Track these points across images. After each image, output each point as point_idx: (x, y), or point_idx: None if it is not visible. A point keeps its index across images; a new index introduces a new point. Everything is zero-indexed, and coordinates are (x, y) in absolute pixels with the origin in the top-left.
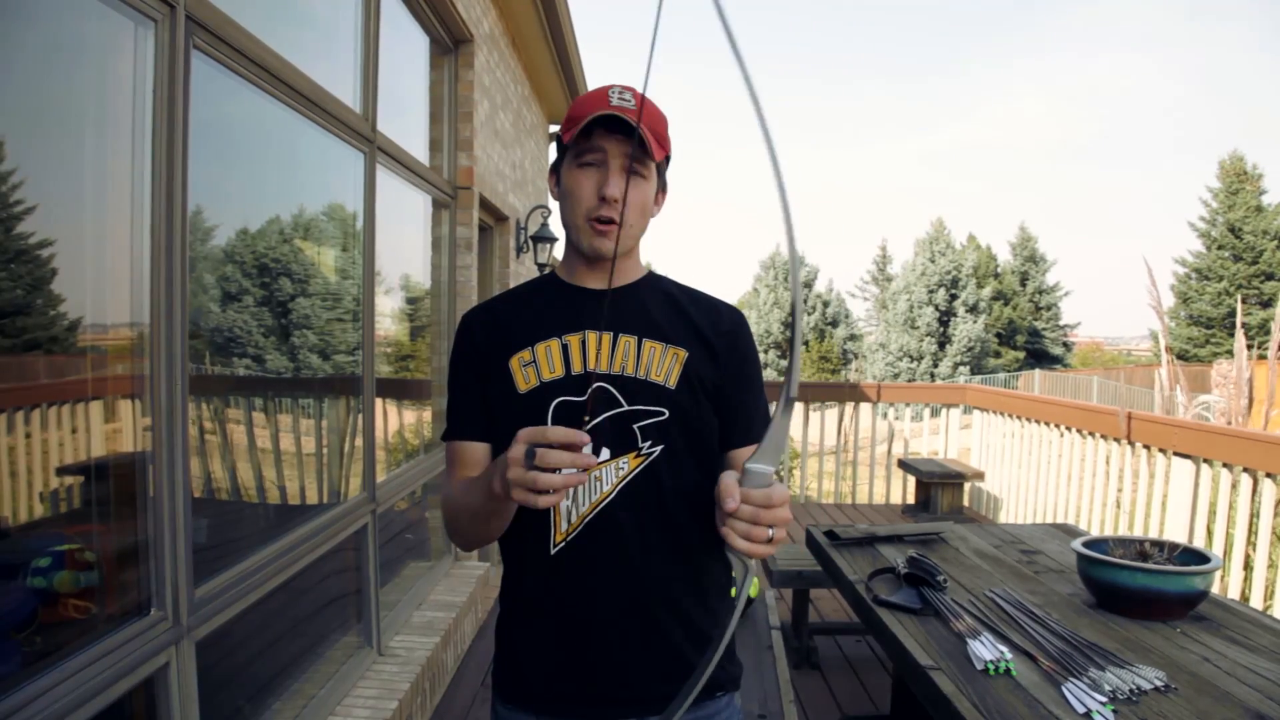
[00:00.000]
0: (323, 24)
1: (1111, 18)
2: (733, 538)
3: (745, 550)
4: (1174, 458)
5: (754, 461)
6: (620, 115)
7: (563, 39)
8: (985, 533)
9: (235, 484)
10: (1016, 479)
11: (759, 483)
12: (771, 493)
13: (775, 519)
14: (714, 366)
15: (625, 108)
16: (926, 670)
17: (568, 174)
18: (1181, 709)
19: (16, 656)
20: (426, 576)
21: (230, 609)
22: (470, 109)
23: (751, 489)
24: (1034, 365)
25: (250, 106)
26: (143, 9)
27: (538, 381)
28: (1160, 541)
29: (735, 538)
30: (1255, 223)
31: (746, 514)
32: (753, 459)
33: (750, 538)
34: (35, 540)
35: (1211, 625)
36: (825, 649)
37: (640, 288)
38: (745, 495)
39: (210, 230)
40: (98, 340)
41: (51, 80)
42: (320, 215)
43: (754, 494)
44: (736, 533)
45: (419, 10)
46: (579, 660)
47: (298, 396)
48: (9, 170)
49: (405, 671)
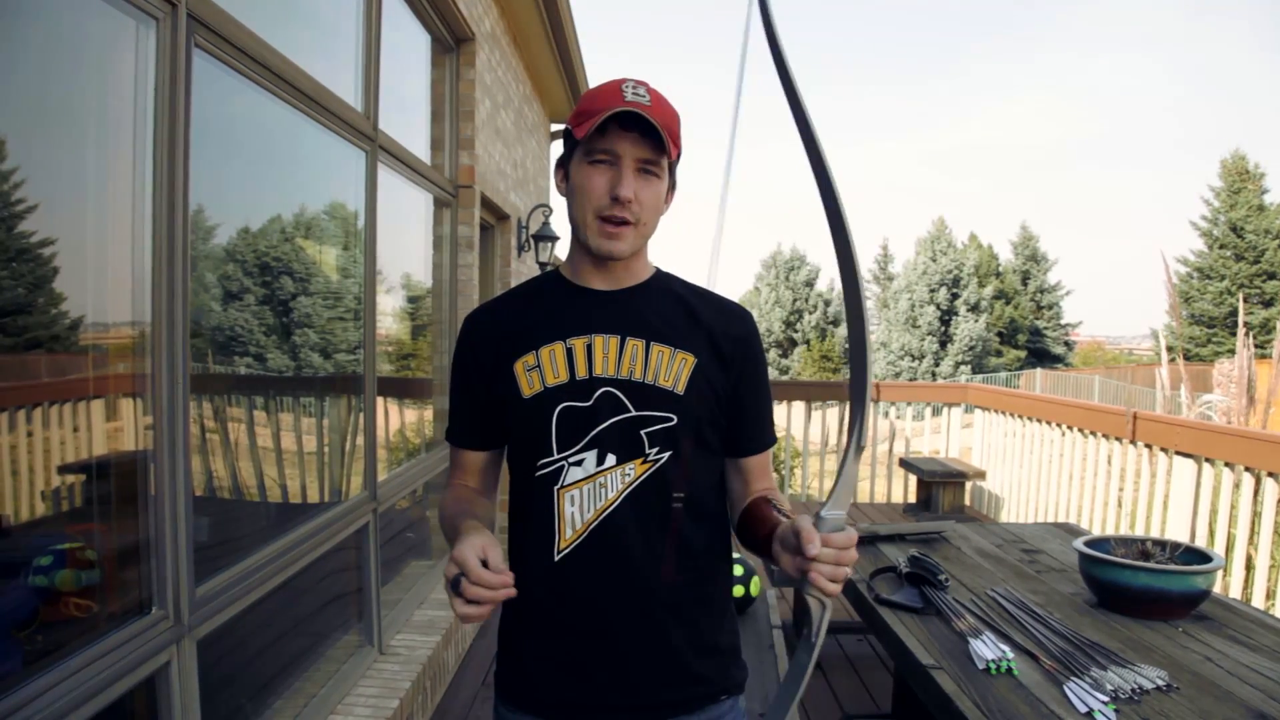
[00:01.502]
0: (324, 22)
1: (1112, 17)
2: (820, 580)
3: (830, 592)
4: (1176, 457)
5: (828, 509)
6: (636, 111)
7: (564, 38)
8: (987, 532)
9: (236, 483)
10: (1018, 478)
11: (835, 528)
12: (848, 536)
13: (851, 560)
14: (724, 372)
15: (640, 104)
16: (928, 669)
17: (578, 170)
18: (1183, 708)
19: (18, 655)
20: (428, 575)
21: (231, 608)
22: (471, 107)
23: (830, 534)
24: (1035, 364)
25: (252, 105)
26: (144, 7)
27: (541, 386)
28: (1162, 541)
29: (822, 580)
30: (1257, 222)
31: (829, 557)
32: (827, 506)
33: (835, 579)
34: (37, 539)
35: (1213, 625)
36: (827, 648)
37: (649, 288)
38: (827, 539)
39: (212, 229)
40: (99, 339)
41: (53, 79)
42: (321, 214)
43: (835, 538)
44: (823, 575)
45: (420, 9)
46: (583, 666)
47: (299, 395)
48: (10, 169)
49: (406, 670)
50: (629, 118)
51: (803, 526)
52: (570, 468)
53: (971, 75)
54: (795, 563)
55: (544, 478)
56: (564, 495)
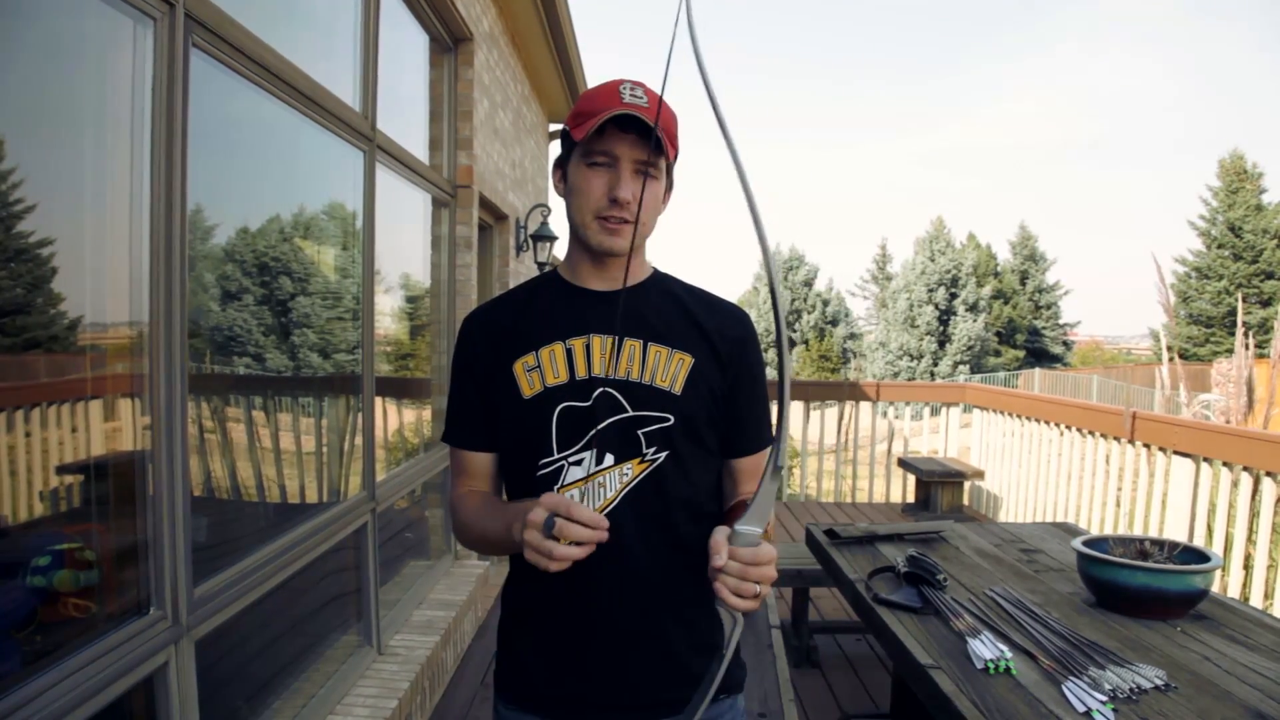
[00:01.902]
0: (322, 22)
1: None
2: (723, 592)
3: (733, 605)
4: (1174, 456)
5: (743, 523)
6: (635, 114)
7: (562, 38)
8: (985, 531)
9: (235, 483)
10: (1016, 478)
11: (747, 543)
12: (758, 552)
13: (761, 576)
14: (720, 373)
15: (639, 106)
16: (926, 669)
17: (576, 171)
18: (1182, 708)
19: (16, 655)
20: (426, 575)
21: (230, 608)
22: (470, 107)
23: (739, 548)
24: (1034, 364)
25: (250, 105)
26: (142, 7)
27: (541, 387)
28: (1160, 540)
29: (725, 592)
30: (1255, 221)
31: (734, 570)
32: (742, 521)
33: (738, 593)
34: (35, 539)
35: (1212, 624)
36: (825, 647)
37: (646, 289)
38: (733, 553)
39: (210, 229)
40: (97, 339)
41: (51, 79)
42: (320, 214)
43: (741, 552)
44: (727, 588)
45: (418, 8)
46: (583, 665)
47: (297, 395)
48: (9, 169)
49: (405, 670)
50: (627, 120)
51: (713, 538)
52: (570, 467)
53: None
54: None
55: (544, 478)
56: (563, 495)
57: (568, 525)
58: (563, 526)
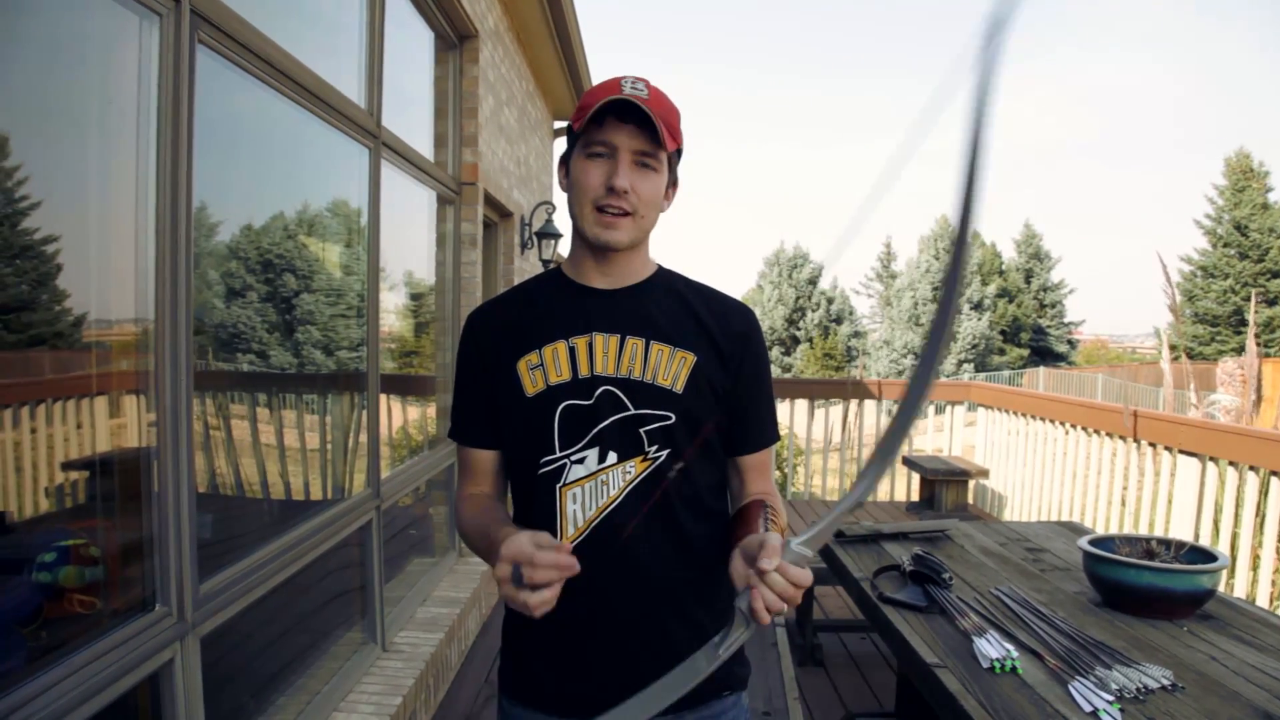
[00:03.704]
0: (327, 19)
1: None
2: (757, 599)
3: (758, 615)
4: (1180, 456)
5: (799, 543)
6: (632, 102)
7: (567, 34)
8: (990, 530)
9: (240, 480)
10: (1021, 477)
11: (796, 560)
12: (803, 574)
13: (794, 598)
14: (723, 370)
15: (638, 96)
16: (932, 668)
17: (576, 163)
18: (1188, 708)
19: (21, 652)
20: (430, 572)
21: (235, 605)
22: (475, 105)
23: (790, 564)
24: (1038, 363)
25: (255, 102)
26: (148, 4)
27: (544, 385)
28: (1167, 540)
29: (759, 599)
30: (1261, 220)
31: (777, 584)
32: (801, 541)
33: (770, 607)
34: (40, 535)
35: (1218, 624)
36: (830, 646)
37: (650, 286)
38: (783, 568)
39: (215, 226)
40: (102, 336)
41: (56, 75)
42: (325, 211)
43: (792, 570)
44: (761, 595)
45: (424, 5)
46: (586, 663)
47: (302, 392)
48: (14, 165)
49: (410, 667)
50: (625, 109)
51: (770, 541)
52: (572, 465)
53: None
54: (744, 570)
55: (546, 476)
56: (566, 493)
57: (534, 572)
58: (529, 575)
